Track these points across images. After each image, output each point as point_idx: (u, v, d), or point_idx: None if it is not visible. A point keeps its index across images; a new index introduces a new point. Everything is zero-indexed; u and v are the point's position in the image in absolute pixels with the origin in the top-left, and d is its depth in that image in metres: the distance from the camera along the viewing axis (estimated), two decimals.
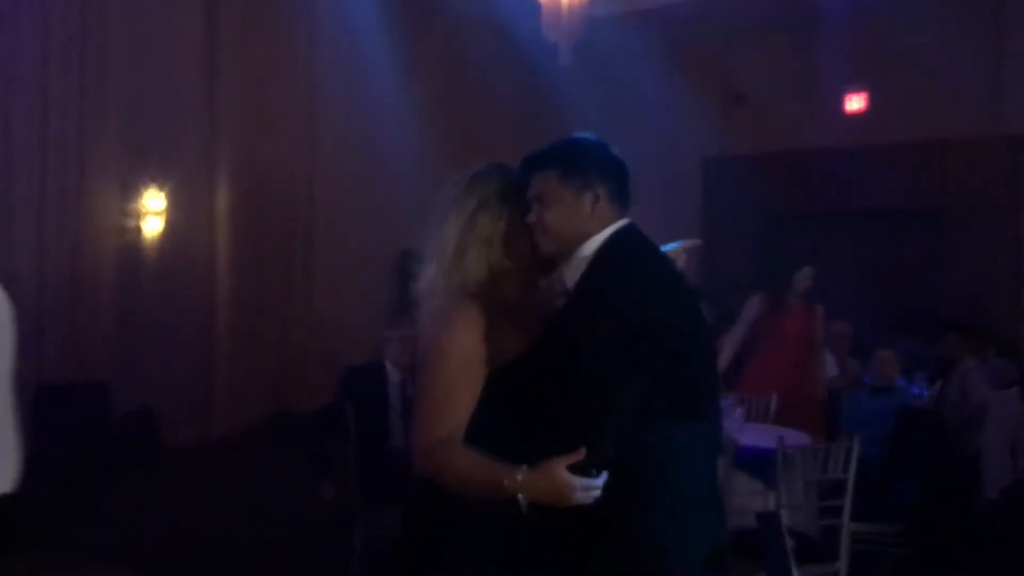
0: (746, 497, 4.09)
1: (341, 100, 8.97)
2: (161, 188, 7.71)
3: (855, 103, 9.48)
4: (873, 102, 9.46)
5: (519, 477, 1.86)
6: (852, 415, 5.39)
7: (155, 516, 5.75)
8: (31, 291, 6.77)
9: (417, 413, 2.06)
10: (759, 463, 4.11)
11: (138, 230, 7.65)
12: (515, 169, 2.13)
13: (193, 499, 6.21)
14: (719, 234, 9.71)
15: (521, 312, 2.03)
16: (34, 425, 6.51)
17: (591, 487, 1.83)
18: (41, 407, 6.48)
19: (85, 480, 6.13)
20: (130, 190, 7.58)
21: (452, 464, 1.96)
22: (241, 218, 8.32)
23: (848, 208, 9.13)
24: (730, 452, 3.92)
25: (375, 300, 8.73)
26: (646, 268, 2.01)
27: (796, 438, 4.39)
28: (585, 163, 2.04)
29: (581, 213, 2.01)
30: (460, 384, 1.99)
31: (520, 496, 1.87)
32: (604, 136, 2.15)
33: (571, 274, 2.02)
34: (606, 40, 8.46)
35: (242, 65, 8.22)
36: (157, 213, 7.72)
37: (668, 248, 2.33)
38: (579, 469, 1.84)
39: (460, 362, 1.99)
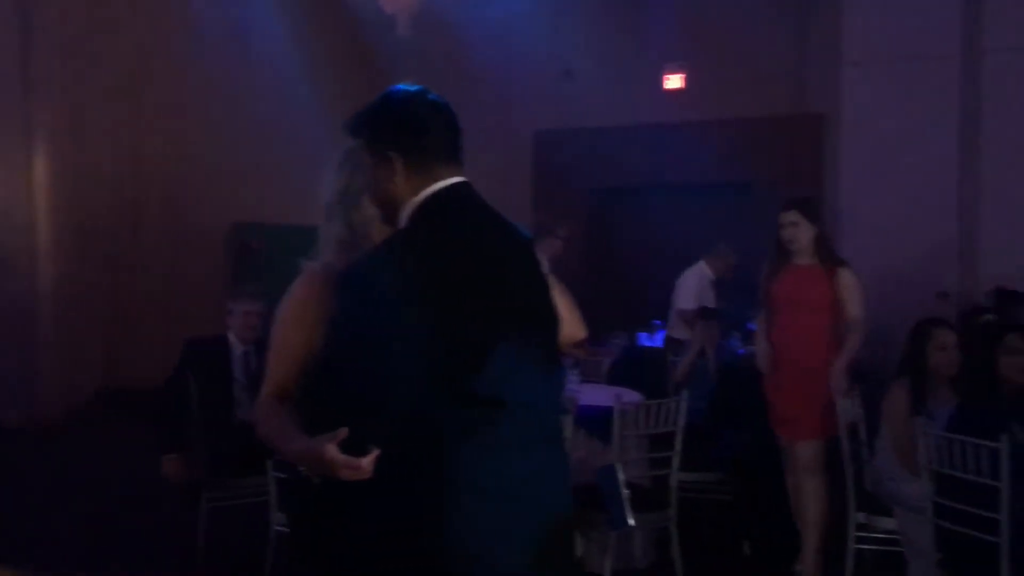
0: (586, 453, 4.38)
1: (169, 67, 8.65)
2: None
3: (673, 81, 10.00)
4: (690, 80, 10.02)
5: (294, 448, 1.83)
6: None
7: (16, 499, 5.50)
8: None
9: None
10: (597, 420, 4.39)
11: None
12: None
13: (29, 481, 5.96)
14: (550, 206, 10.06)
15: None
16: None
17: (356, 466, 1.69)
18: None
19: None
20: None
21: (260, 422, 2.00)
22: (63, 189, 7.91)
23: (671, 181, 9.65)
24: (571, 411, 4.17)
25: (211, 273, 8.53)
26: (438, 235, 1.84)
27: (631, 395, 4.71)
28: (382, 129, 1.95)
29: (387, 180, 1.92)
30: (287, 344, 2.05)
31: (301, 468, 1.88)
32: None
33: None
34: (441, 12, 8.55)
35: (59, 17, 7.76)
36: None
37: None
38: (348, 446, 1.70)
39: (290, 322, 2.08)
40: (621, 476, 4.11)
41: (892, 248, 8.95)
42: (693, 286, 7.33)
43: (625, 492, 4.13)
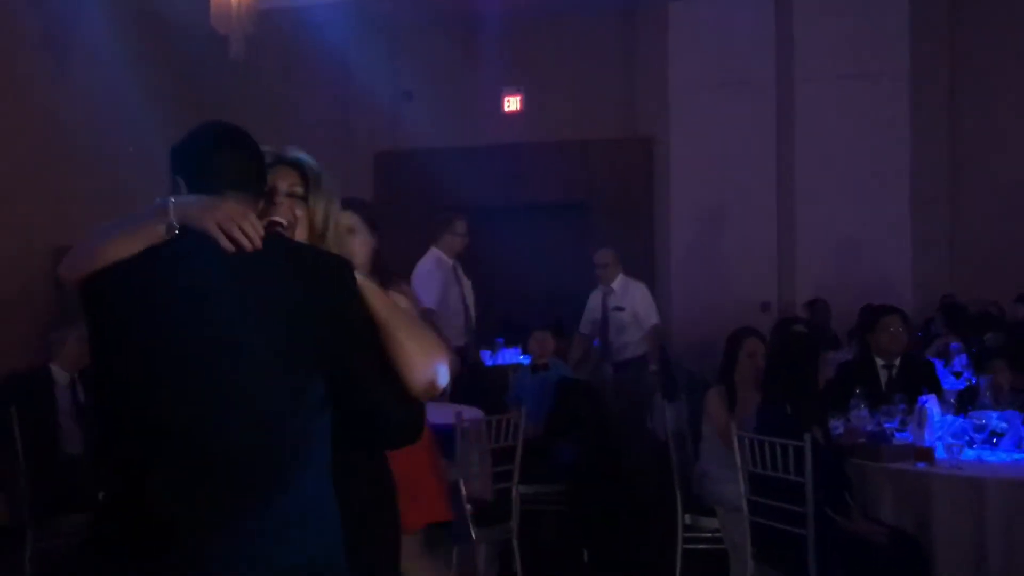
0: None
1: None
2: None
3: (512, 104, 10.26)
4: (527, 103, 10.31)
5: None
6: (516, 390, 5.95)
7: None
8: None
9: None
10: (441, 438, 4.46)
11: None
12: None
13: None
14: (390, 227, 10.08)
15: None
16: None
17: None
18: None
19: None
20: None
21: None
22: None
23: (512, 201, 9.86)
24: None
25: (28, 302, 8.08)
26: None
27: (472, 412, 4.81)
28: (173, 156, 2.02)
29: None
30: None
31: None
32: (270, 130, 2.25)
33: None
34: (276, 33, 8.47)
35: None
36: None
37: None
38: None
39: None
40: (463, 491, 4.22)
41: (718, 263, 9.50)
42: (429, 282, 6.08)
43: (467, 507, 4.25)
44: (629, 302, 6.89)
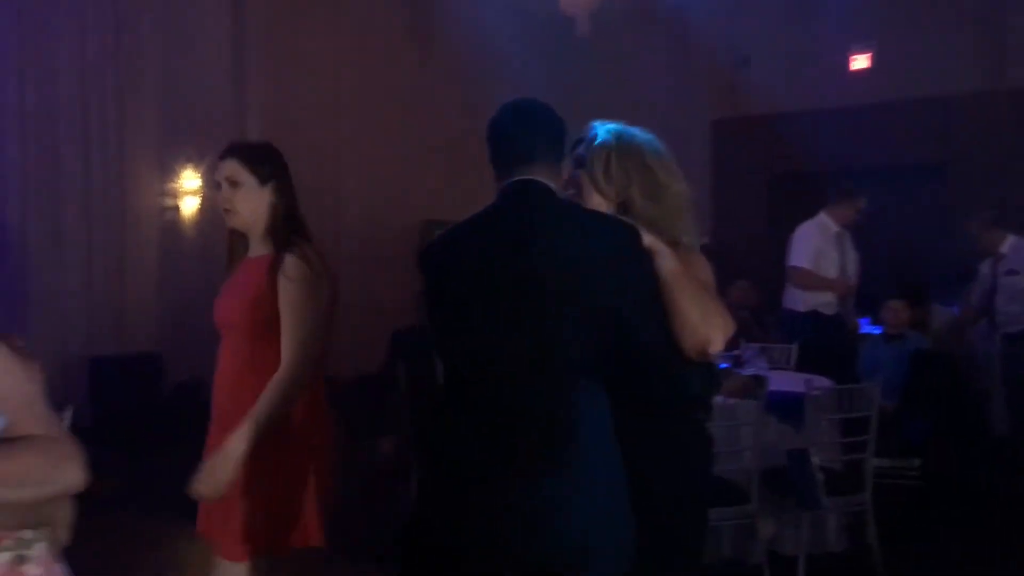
0: (777, 437, 4.45)
1: (363, 76, 9.25)
2: (197, 168, 8.03)
3: (859, 62, 9.72)
4: (877, 59, 9.70)
5: None
6: (867, 362, 5.74)
7: None
8: (80, 270, 7.14)
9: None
10: (788, 406, 4.46)
11: (177, 209, 7.98)
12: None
13: None
14: (728, 194, 10.03)
15: None
16: (90, 395, 6.91)
17: None
18: (96, 379, 6.86)
19: (143, 447, 6.48)
20: (168, 171, 7.91)
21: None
22: None
23: (860, 165, 9.37)
24: (761, 397, 4.25)
25: (404, 270, 9.05)
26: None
27: (821, 382, 4.74)
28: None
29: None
30: None
31: None
32: (611, 103, 2.43)
33: None
34: (617, 8, 8.69)
35: (269, 48, 8.51)
36: (194, 192, 8.05)
37: None
38: None
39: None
40: (815, 459, 4.19)
41: None
42: (806, 241, 6.06)
43: (819, 476, 4.21)
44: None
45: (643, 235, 2.11)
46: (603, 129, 2.35)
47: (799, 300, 5.96)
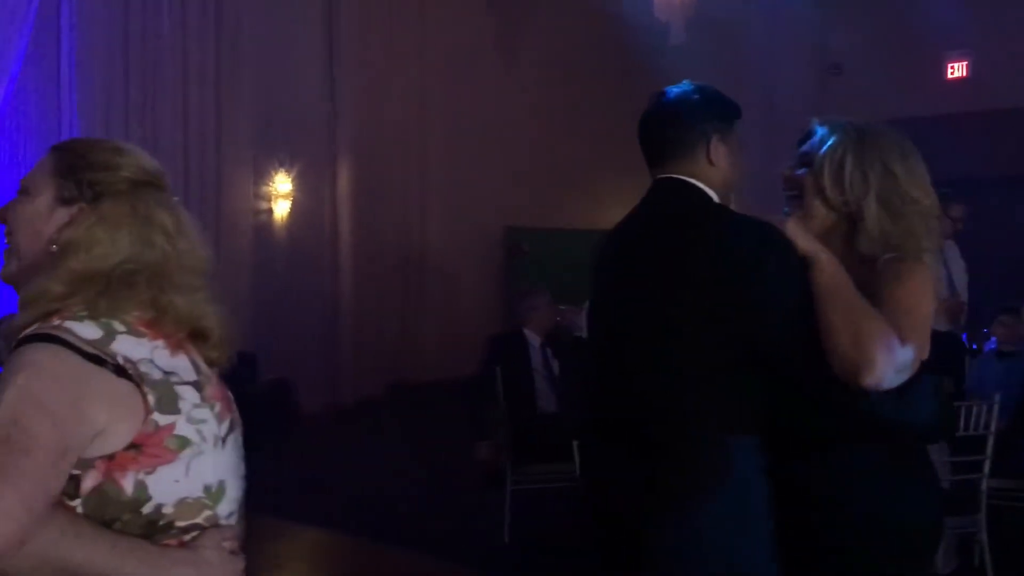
0: None
1: (449, 84, 9.33)
2: (289, 173, 8.19)
3: (957, 70, 9.45)
4: (974, 67, 9.43)
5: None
6: (979, 378, 5.52)
7: (327, 478, 6.16)
8: None
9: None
10: None
11: (270, 212, 8.14)
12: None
13: (338, 462, 6.63)
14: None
15: None
16: None
17: None
18: None
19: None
20: (261, 176, 8.08)
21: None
22: (360, 198, 8.75)
23: (963, 175, 9.10)
24: None
25: (486, 275, 9.10)
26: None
27: None
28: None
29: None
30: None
31: None
32: None
33: None
34: (709, 16, 8.61)
35: (359, 58, 8.65)
36: (285, 196, 8.20)
37: None
38: None
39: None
40: None
41: None
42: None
43: None
44: None
45: (801, 239, 1.80)
46: (841, 124, 1.99)
47: None
